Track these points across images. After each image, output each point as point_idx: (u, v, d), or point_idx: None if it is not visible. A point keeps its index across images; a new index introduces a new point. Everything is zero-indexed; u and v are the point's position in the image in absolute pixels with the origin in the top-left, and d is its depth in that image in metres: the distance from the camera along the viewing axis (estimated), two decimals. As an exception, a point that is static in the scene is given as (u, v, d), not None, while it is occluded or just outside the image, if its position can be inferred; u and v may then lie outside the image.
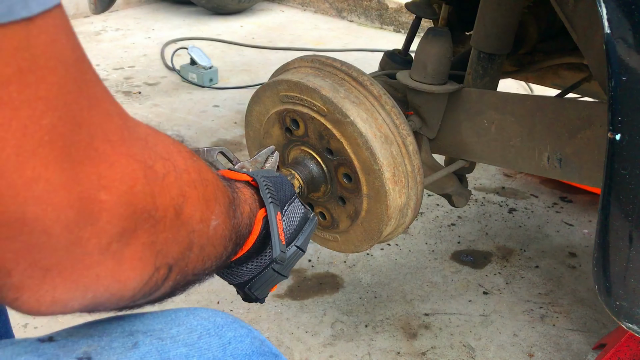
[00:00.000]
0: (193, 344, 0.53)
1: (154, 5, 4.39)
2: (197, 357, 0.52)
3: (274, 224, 0.74)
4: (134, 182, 0.41)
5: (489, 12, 1.23)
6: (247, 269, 0.77)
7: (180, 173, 0.48)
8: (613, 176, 0.78)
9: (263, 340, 0.60)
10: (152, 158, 0.44)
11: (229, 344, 0.55)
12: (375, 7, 4.16)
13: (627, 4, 0.70)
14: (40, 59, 0.34)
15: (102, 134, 0.39)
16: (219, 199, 0.57)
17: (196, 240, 0.51)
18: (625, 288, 0.86)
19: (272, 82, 1.12)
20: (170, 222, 0.46)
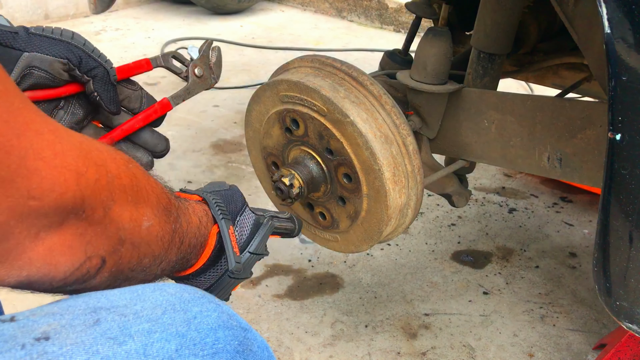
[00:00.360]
0: (157, 320, 0.53)
1: (153, 5, 4.39)
2: (159, 332, 0.52)
3: (227, 238, 0.80)
4: (64, 190, 0.49)
5: (489, 12, 1.23)
6: (205, 278, 0.82)
7: (112, 178, 0.56)
8: (613, 176, 0.78)
9: (232, 315, 0.60)
10: (85, 165, 0.52)
11: (194, 318, 0.55)
12: (375, 7, 4.16)
13: (627, 4, 0.70)
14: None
15: (33, 153, 0.46)
16: (152, 203, 0.63)
17: (127, 237, 0.59)
18: (625, 288, 0.86)
19: (272, 82, 1.12)
20: (99, 219, 0.54)
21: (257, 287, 1.67)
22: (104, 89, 0.81)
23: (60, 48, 0.78)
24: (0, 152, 0.43)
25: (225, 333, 0.57)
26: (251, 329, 0.62)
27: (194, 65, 0.95)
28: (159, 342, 0.51)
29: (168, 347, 0.51)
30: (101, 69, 0.80)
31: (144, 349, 0.50)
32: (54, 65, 0.78)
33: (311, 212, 1.22)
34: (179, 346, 0.52)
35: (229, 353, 0.56)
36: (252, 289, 1.66)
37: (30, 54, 0.76)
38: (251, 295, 1.63)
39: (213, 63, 0.97)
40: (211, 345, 0.55)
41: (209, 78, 0.97)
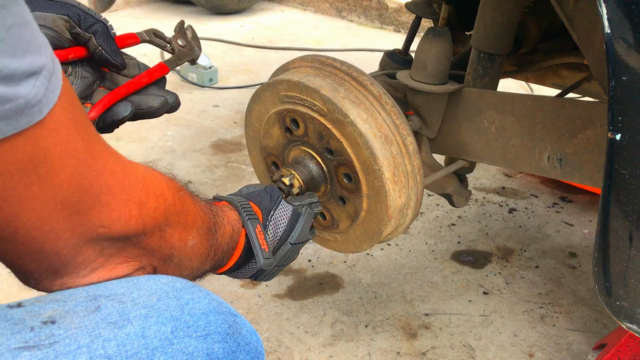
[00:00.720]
0: (152, 306, 0.57)
1: (153, 5, 4.39)
2: (155, 316, 0.56)
3: (254, 239, 0.88)
4: (129, 219, 0.57)
5: (489, 12, 1.23)
6: (245, 271, 0.92)
7: (168, 206, 0.64)
8: (613, 176, 0.78)
9: (221, 302, 0.65)
10: (147, 196, 0.60)
11: (187, 304, 0.60)
12: (375, 7, 4.16)
13: (627, 4, 0.70)
14: (53, 157, 0.48)
15: (106, 190, 0.54)
16: (197, 224, 0.72)
17: (175, 254, 0.68)
18: (625, 288, 0.86)
19: (272, 82, 1.12)
20: (156, 240, 0.63)
21: (257, 287, 1.67)
22: (107, 42, 0.82)
23: (58, 8, 0.80)
24: (81, 190, 0.52)
25: (216, 317, 0.61)
26: (240, 316, 0.66)
27: (175, 38, 0.99)
28: (156, 325, 0.55)
29: (164, 329, 0.55)
30: (101, 25, 0.82)
31: (142, 331, 0.54)
32: (57, 22, 0.79)
33: (311, 212, 1.22)
34: (174, 328, 0.56)
35: (220, 335, 0.60)
36: (252, 289, 1.66)
37: (32, 13, 0.76)
38: (251, 295, 1.63)
39: (191, 38, 1.01)
40: (203, 327, 0.59)
41: (193, 49, 1.01)
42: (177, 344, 0.56)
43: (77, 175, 0.51)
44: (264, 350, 0.70)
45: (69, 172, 0.50)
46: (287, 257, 0.97)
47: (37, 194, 0.48)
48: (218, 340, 0.59)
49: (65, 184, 0.50)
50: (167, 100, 0.90)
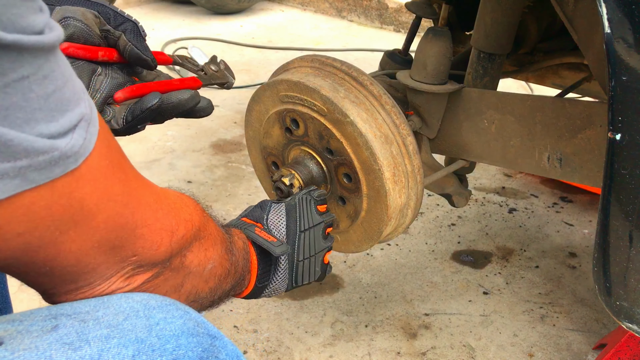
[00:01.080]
0: (117, 325, 0.53)
1: (153, 5, 4.39)
2: (118, 338, 0.52)
3: (257, 238, 0.88)
4: (159, 247, 0.59)
5: (489, 12, 1.23)
6: (278, 278, 0.93)
7: (195, 231, 0.65)
8: (613, 176, 0.78)
9: (200, 322, 0.61)
10: (177, 224, 0.62)
11: (157, 325, 0.56)
12: (375, 7, 4.16)
13: (627, 4, 0.70)
14: (89, 205, 0.49)
15: (142, 223, 0.56)
16: (217, 246, 0.73)
17: (188, 280, 0.67)
18: (625, 288, 0.86)
19: (272, 81, 1.12)
20: (176, 265, 0.64)
21: (257, 287, 1.67)
22: (137, 39, 0.82)
23: (89, 5, 0.80)
24: (118, 228, 0.53)
25: (189, 340, 0.57)
26: (222, 338, 0.62)
27: (209, 65, 1.02)
28: (116, 348, 0.51)
29: (125, 352, 0.51)
30: (131, 23, 0.82)
31: (99, 354, 0.50)
32: (87, 15, 0.79)
33: (311, 212, 1.22)
34: (137, 352, 0.52)
35: (191, 359, 0.56)
36: (252, 289, 1.66)
37: (62, 7, 0.78)
38: (251, 295, 1.63)
39: (224, 68, 1.04)
40: (171, 351, 0.55)
41: (225, 76, 1.04)
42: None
43: (115, 215, 0.52)
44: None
45: (106, 215, 0.51)
46: (309, 246, 0.97)
47: (73, 238, 0.49)
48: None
49: (103, 224, 0.51)
50: (197, 94, 0.89)
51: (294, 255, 0.95)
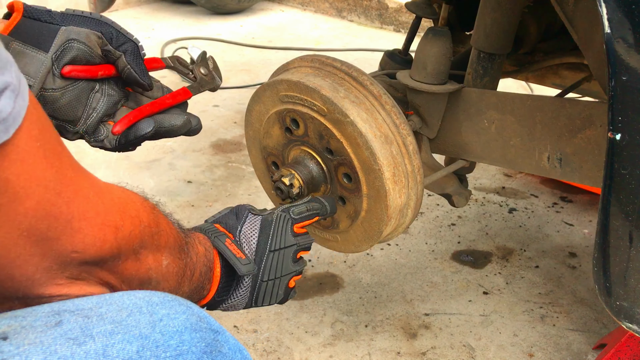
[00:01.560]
0: (120, 321, 0.53)
1: (153, 5, 4.39)
2: (122, 333, 0.52)
3: (226, 250, 0.84)
4: (103, 243, 0.56)
5: (489, 11, 1.23)
6: (238, 296, 0.89)
7: (144, 227, 0.63)
8: (613, 176, 0.78)
9: (203, 317, 0.60)
10: (123, 219, 0.59)
11: (160, 320, 0.55)
12: (375, 7, 4.16)
13: (627, 4, 0.70)
14: (15, 187, 0.47)
15: (78, 215, 0.53)
16: (170, 243, 0.70)
17: (153, 275, 0.66)
18: (625, 288, 0.86)
19: (272, 81, 1.12)
20: (131, 264, 0.62)
21: (257, 287, 1.67)
22: (136, 62, 0.84)
23: (93, 24, 0.82)
24: (50, 217, 0.51)
25: (192, 335, 0.57)
26: (224, 332, 0.62)
27: (198, 67, 1.01)
28: (121, 344, 0.51)
29: (129, 348, 0.51)
30: (131, 44, 0.84)
31: (103, 349, 0.50)
32: (90, 37, 0.81)
33: (311, 212, 1.22)
34: (141, 347, 0.52)
35: (195, 355, 0.56)
36: (252, 289, 1.66)
37: (67, 27, 0.79)
38: (251, 295, 1.63)
39: (212, 68, 1.03)
40: (175, 347, 0.54)
41: (214, 79, 1.03)
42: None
43: (45, 203, 0.50)
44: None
45: (35, 201, 0.49)
46: (276, 267, 0.92)
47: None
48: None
49: (31, 211, 0.49)
50: (189, 120, 0.92)
51: (259, 275, 0.90)
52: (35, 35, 0.77)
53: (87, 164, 2.30)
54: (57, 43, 0.78)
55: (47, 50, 0.77)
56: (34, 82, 0.78)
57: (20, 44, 0.76)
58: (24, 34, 0.77)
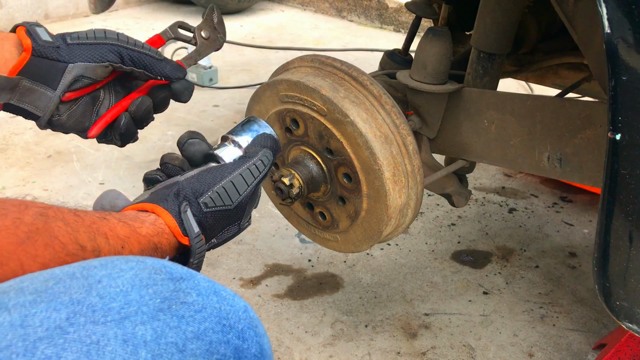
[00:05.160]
0: (44, 290, 0.47)
1: (153, 4, 4.39)
2: (46, 302, 0.46)
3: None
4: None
5: (489, 11, 1.23)
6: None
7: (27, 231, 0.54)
8: (613, 176, 0.78)
9: (159, 267, 0.53)
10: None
11: (98, 282, 0.49)
12: (375, 7, 4.16)
13: (627, 4, 0.70)
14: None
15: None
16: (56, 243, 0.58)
17: None
18: (625, 288, 0.86)
19: (272, 81, 1.12)
20: None
21: (257, 287, 1.67)
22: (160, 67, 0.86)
23: (100, 51, 0.83)
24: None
25: (142, 293, 0.50)
26: (192, 278, 0.54)
27: (199, 29, 1.00)
28: (44, 312, 0.45)
29: (56, 316, 0.45)
30: (146, 57, 0.85)
31: (21, 320, 0.44)
32: (97, 71, 0.83)
33: (311, 212, 1.22)
34: (72, 314, 0.46)
35: (146, 314, 0.49)
36: (252, 289, 1.66)
37: (74, 65, 0.81)
38: (251, 295, 1.63)
39: (216, 23, 1.00)
40: (118, 310, 0.48)
41: (217, 39, 1.01)
42: (73, 333, 0.45)
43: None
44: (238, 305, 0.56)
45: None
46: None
47: None
48: (143, 321, 0.48)
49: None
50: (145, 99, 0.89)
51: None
52: (43, 73, 0.80)
53: (87, 164, 2.30)
54: (64, 82, 0.81)
55: (55, 87, 0.81)
56: (43, 114, 0.83)
57: (29, 82, 0.80)
58: (33, 73, 0.80)
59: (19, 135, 2.43)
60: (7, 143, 2.37)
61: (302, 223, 1.27)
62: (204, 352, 0.50)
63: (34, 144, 2.37)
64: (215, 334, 0.52)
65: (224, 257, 1.77)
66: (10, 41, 0.81)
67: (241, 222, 0.77)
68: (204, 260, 0.73)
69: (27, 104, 0.82)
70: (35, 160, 2.25)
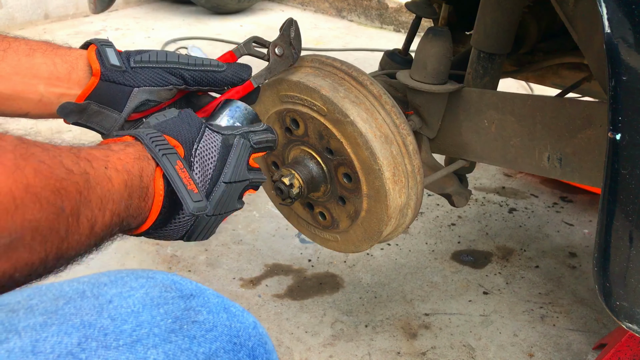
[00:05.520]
0: (55, 311, 0.45)
1: (153, 4, 4.39)
2: (57, 325, 0.44)
3: (175, 178, 0.68)
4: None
5: (489, 11, 1.23)
6: (173, 228, 0.72)
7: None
8: (613, 176, 0.78)
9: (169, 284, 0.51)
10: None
11: (109, 303, 0.47)
12: (375, 7, 4.16)
13: (627, 4, 0.70)
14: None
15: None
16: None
17: None
18: (625, 288, 0.86)
19: (272, 81, 1.12)
20: None
21: (257, 287, 1.67)
22: (222, 78, 0.89)
23: (162, 75, 0.86)
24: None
25: (153, 313, 0.48)
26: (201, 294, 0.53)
27: (274, 45, 0.99)
28: (56, 336, 0.43)
29: (68, 341, 0.43)
30: (208, 74, 0.88)
31: (32, 345, 0.42)
32: (161, 94, 0.87)
33: (311, 212, 1.22)
34: (83, 339, 0.44)
35: (158, 337, 0.47)
36: (252, 289, 1.66)
37: (139, 90, 0.85)
38: (251, 295, 1.63)
39: (292, 38, 0.99)
40: (130, 332, 0.46)
41: (290, 55, 1.00)
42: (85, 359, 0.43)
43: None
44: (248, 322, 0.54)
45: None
46: (224, 203, 0.76)
47: None
48: (155, 345, 0.46)
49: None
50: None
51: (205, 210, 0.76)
52: (110, 97, 0.84)
53: (87, 164, 2.30)
54: (130, 106, 0.85)
55: (121, 110, 0.85)
56: (108, 133, 0.87)
57: (97, 105, 0.84)
58: (100, 97, 0.84)
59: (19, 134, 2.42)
60: (7, 143, 2.37)
61: (302, 223, 1.27)
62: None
63: (34, 144, 2.37)
64: (226, 354, 0.51)
65: (224, 257, 1.77)
66: (83, 60, 0.84)
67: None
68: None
69: (95, 124, 0.87)
70: (35, 160, 2.25)
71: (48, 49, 0.83)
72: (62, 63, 0.83)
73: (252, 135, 0.82)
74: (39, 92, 0.82)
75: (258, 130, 0.84)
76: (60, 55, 0.83)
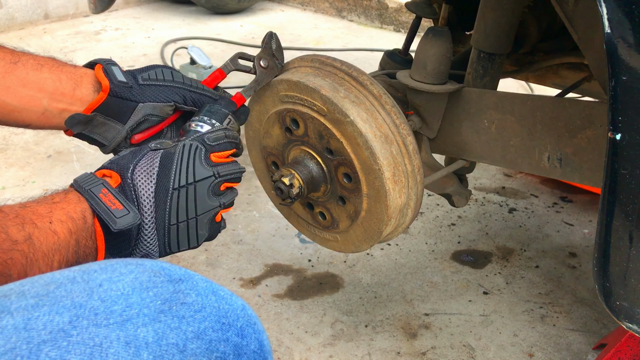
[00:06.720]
0: (46, 294, 0.47)
1: (153, 4, 4.38)
2: (48, 305, 0.46)
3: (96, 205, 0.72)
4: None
5: (489, 11, 1.23)
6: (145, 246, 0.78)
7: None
8: (613, 176, 0.78)
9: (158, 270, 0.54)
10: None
11: (99, 286, 0.50)
12: (375, 7, 4.16)
13: (627, 4, 0.70)
14: None
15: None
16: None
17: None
18: (625, 288, 0.86)
19: (272, 81, 1.12)
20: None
21: (257, 287, 1.67)
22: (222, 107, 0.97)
23: (167, 93, 0.93)
24: None
25: (142, 296, 0.51)
26: (190, 278, 0.55)
27: (259, 58, 1.06)
28: (47, 315, 0.46)
29: (59, 319, 0.46)
30: (205, 98, 0.96)
31: (25, 323, 0.45)
32: (164, 109, 0.94)
33: (311, 212, 1.22)
34: (74, 317, 0.46)
35: (147, 316, 0.50)
36: (252, 289, 1.66)
37: (144, 105, 0.91)
38: (251, 295, 1.63)
39: (274, 49, 1.06)
40: (120, 313, 0.48)
41: (275, 66, 1.07)
42: (76, 336, 0.45)
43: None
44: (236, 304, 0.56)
45: None
46: (185, 207, 0.79)
47: None
48: (144, 323, 0.49)
49: None
50: None
51: (165, 219, 0.78)
52: (116, 110, 0.90)
53: (87, 164, 2.30)
54: (134, 119, 0.91)
55: (125, 122, 0.91)
56: (110, 144, 0.92)
57: (103, 117, 0.90)
58: (107, 109, 0.90)
59: (19, 135, 2.43)
60: (7, 143, 2.37)
61: (302, 223, 1.27)
62: (204, 351, 0.51)
63: (33, 143, 2.37)
64: (214, 333, 0.53)
65: (224, 257, 1.77)
66: (88, 78, 0.90)
67: None
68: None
69: (98, 134, 0.92)
70: (35, 160, 2.25)
71: (54, 65, 0.88)
72: (67, 80, 0.88)
73: (209, 135, 0.87)
74: (42, 105, 0.87)
75: (214, 130, 0.89)
76: (66, 72, 0.89)
